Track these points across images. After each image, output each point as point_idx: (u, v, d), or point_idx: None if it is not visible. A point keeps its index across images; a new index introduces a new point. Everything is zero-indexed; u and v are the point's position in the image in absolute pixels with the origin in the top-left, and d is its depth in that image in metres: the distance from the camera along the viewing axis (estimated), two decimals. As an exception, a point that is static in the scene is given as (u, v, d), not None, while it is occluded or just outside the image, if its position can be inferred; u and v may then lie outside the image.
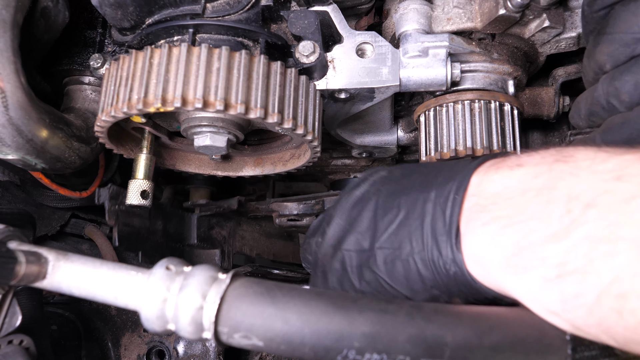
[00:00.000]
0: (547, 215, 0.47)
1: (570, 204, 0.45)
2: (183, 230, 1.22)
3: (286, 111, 0.82)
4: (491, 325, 0.47)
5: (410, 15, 0.95)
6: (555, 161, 0.50)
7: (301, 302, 0.46)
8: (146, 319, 0.50)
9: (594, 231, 0.43)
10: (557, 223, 0.45)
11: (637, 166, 0.44)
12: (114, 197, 1.01)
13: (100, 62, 0.94)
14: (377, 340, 0.44)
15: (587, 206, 0.44)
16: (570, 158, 0.49)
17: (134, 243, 1.05)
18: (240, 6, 0.87)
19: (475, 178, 0.56)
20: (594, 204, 0.44)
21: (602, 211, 0.43)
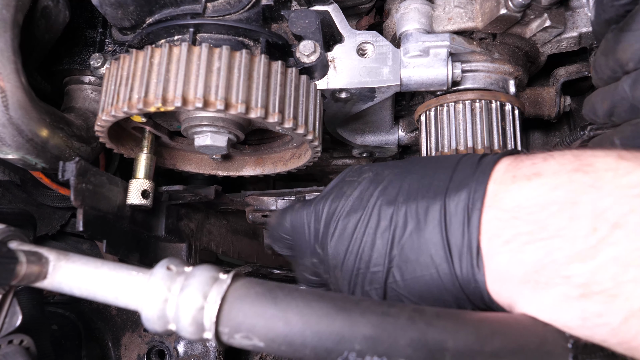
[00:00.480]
0: (572, 233, 0.46)
1: (596, 222, 0.45)
2: (151, 219, 1.10)
3: (287, 111, 0.81)
4: (493, 331, 0.47)
5: (411, 15, 0.95)
6: (575, 170, 0.49)
7: (303, 303, 0.46)
8: (147, 319, 0.50)
9: (623, 253, 0.43)
10: (583, 242, 0.45)
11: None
12: (81, 174, 0.84)
13: (101, 62, 0.94)
14: (378, 343, 0.44)
15: (614, 226, 0.44)
16: (590, 167, 0.49)
17: (99, 229, 0.91)
18: (241, 5, 0.87)
19: (492, 187, 0.55)
20: (621, 224, 0.44)
21: (630, 232, 0.43)
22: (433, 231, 0.57)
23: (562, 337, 0.48)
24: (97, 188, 0.89)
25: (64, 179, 0.83)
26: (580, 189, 0.48)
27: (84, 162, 0.85)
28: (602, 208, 0.45)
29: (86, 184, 0.86)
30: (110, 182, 0.94)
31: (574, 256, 0.46)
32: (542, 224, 0.49)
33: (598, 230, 0.45)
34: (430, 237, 0.57)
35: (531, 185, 0.51)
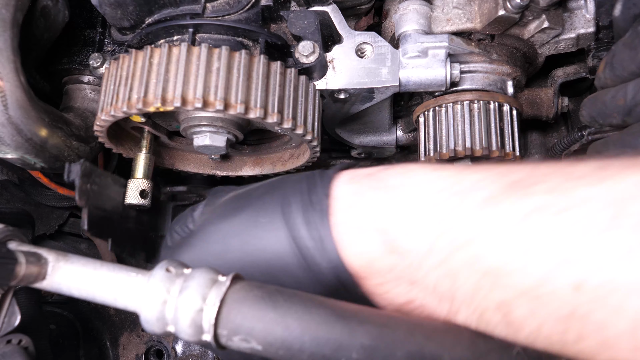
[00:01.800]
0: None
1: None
2: (157, 219, 1.11)
3: (286, 111, 0.82)
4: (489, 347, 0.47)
5: (410, 16, 0.95)
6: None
7: (302, 309, 0.46)
8: (146, 320, 0.50)
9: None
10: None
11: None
12: (86, 175, 0.85)
13: (100, 62, 0.94)
14: (376, 353, 0.44)
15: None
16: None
17: (104, 229, 0.92)
18: (240, 6, 0.87)
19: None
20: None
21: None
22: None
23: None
24: (102, 189, 0.90)
25: (70, 179, 0.83)
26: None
27: (88, 164, 0.86)
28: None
29: (91, 185, 0.87)
30: (116, 183, 0.94)
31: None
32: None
33: (443, 301, 0.51)
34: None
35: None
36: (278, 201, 0.60)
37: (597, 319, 0.39)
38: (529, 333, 0.44)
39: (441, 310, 0.51)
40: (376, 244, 0.53)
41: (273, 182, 0.65)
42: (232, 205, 0.65)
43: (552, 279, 0.41)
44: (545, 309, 0.42)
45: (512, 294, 0.44)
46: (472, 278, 0.46)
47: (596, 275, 0.39)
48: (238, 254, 0.60)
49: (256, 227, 0.59)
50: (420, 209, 0.51)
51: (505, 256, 0.44)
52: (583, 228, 0.40)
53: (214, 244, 0.62)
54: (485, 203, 0.46)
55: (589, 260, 0.39)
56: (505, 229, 0.44)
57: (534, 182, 0.45)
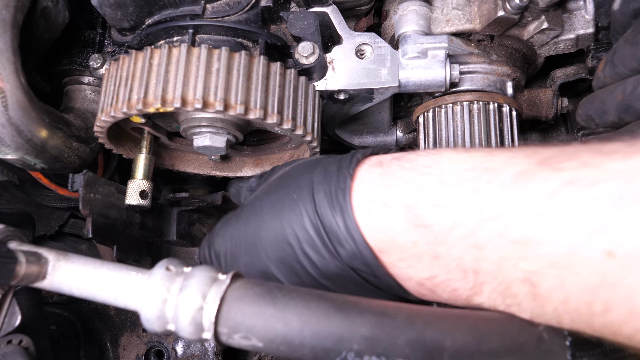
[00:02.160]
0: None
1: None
2: (162, 225, 1.13)
3: (285, 112, 0.82)
4: (490, 330, 0.47)
5: (410, 17, 0.96)
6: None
7: (301, 304, 0.46)
8: (146, 319, 0.50)
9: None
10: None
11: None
12: (89, 185, 0.90)
13: (100, 62, 0.95)
14: (376, 343, 0.45)
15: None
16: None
17: (108, 236, 0.96)
18: (240, 7, 0.87)
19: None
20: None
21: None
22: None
23: (560, 335, 0.48)
24: (106, 197, 0.94)
25: (73, 189, 0.88)
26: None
27: (91, 174, 0.91)
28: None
29: (94, 194, 0.91)
30: (119, 192, 0.98)
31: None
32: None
33: (468, 275, 0.52)
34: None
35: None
36: (309, 180, 0.64)
37: (626, 286, 0.40)
38: (556, 307, 0.45)
39: (465, 284, 0.52)
40: (400, 219, 0.55)
41: (309, 162, 0.71)
42: (273, 184, 0.72)
43: (585, 247, 0.42)
44: (574, 278, 0.43)
45: (542, 265, 0.45)
46: (500, 250, 0.47)
47: (628, 242, 0.40)
48: (273, 225, 0.65)
49: (289, 202, 0.64)
50: (448, 183, 0.53)
51: (536, 227, 0.45)
52: (614, 198, 0.41)
53: (254, 216, 0.69)
54: (518, 178, 0.48)
55: (621, 227, 0.40)
56: (537, 201, 0.45)
57: (565, 159, 0.46)
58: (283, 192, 0.67)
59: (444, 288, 0.55)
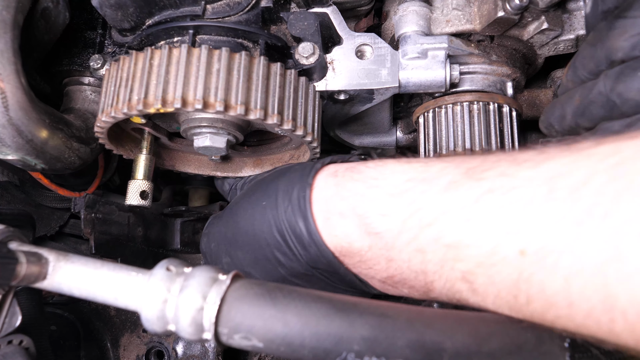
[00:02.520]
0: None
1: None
2: (166, 236, 1.19)
3: (286, 112, 0.82)
4: (490, 332, 0.47)
5: (410, 17, 0.96)
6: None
7: (302, 304, 0.46)
8: (146, 319, 0.50)
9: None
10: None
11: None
12: (90, 206, 0.98)
13: (100, 63, 0.95)
14: (377, 344, 0.45)
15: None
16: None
17: (112, 250, 1.03)
18: (240, 7, 0.87)
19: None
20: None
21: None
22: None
23: (559, 336, 0.48)
24: (107, 215, 1.02)
25: (75, 211, 0.99)
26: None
27: (91, 196, 1.00)
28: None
29: (95, 214, 0.99)
30: (120, 209, 1.05)
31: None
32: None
33: (419, 276, 0.58)
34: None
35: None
36: (275, 187, 0.70)
37: (538, 280, 0.45)
38: (493, 300, 0.50)
39: (419, 283, 0.58)
40: (354, 227, 0.61)
41: (279, 170, 0.77)
42: (249, 189, 0.80)
43: (502, 247, 0.47)
44: (499, 275, 0.48)
45: (472, 264, 0.50)
46: (439, 252, 0.53)
47: (536, 241, 0.45)
48: (246, 228, 0.72)
49: (259, 208, 0.70)
50: (392, 194, 0.59)
51: (463, 231, 0.50)
52: (525, 203, 0.46)
53: (231, 219, 0.76)
54: (447, 187, 0.54)
55: (530, 229, 0.45)
56: (463, 208, 0.51)
57: (486, 169, 0.52)
58: (254, 198, 0.73)
59: (403, 285, 0.62)
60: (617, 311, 0.40)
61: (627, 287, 0.39)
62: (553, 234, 0.43)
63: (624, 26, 0.64)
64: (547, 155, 0.48)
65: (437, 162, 0.59)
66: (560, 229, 0.43)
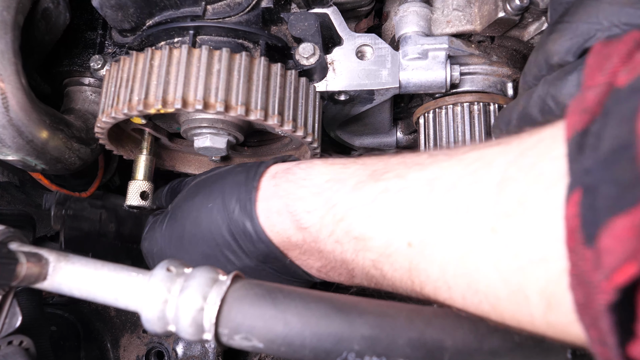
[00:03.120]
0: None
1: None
2: (139, 232, 1.19)
3: (286, 113, 0.82)
4: (491, 329, 0.47)
5: (410, 18, 0.96)
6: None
7: (302, 305, 0.46)
8: (147, 320, 0.50)
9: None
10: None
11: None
12: (60, 203, 0.99)
13: (101, 64, 0.95)
14: (377, 343, 0.45)
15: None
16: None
17: (81, 245, 1.06)
18: (241, 8, 0.87)
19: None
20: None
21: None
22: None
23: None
24: (78, 212, 1.03)
25: (46, 208, 0.98)
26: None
27: (62, 194, 1.00)
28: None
29: (66, 210, 1.00)
30: (92, 206, 1.07)
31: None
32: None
33: (343, 264, 0.64)
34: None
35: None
36: (220, 190, 0.73)
37: (423, 268, 0.50)
38: (399, 285, 0.56)
39: (344, 271, 0.65)
40: (289, 223, 0.66)
41: (221, 173, 0.79)
42: (190, 191, 0.80)
43: (394, 240, 0.53)
44: (397, 264, 0.54)
45: (377, 254, 0.56)
46: (351, 243, 0.59)
47: (418, 234, 0.51)
48: (193, 231, 0.74)
49: (205, 210, 0.73)
50: (315, 193, 0.65)
51: (366, 226, 0.57)
52: (410, 201, 0.52)
53: (175, 222, 0.78)
54: (355, 187, 0.60)
55: (413, 223, 0.51)
56: (364, 205, 0.58)
57: (387, 170, 0.58)
58: (198, 200, 0.76)
59: (334, 273, 0.68)
60: (481, 294, 0.45)
61: (483, 273, 0.44)
62: (430, 228, 0.49)
63: (561, 30, 0.65)
64: (434, 160, 0.54)
65: (353, 163, 0.65)
66: (434, 224, 0.49)
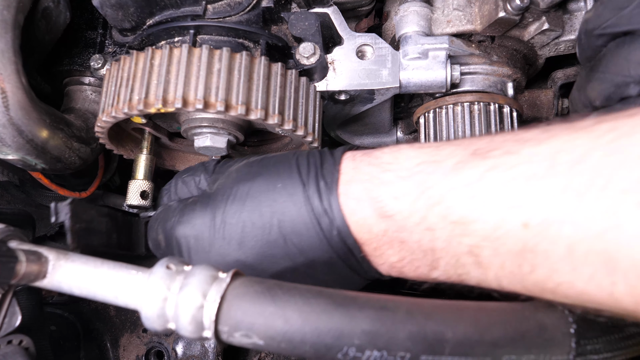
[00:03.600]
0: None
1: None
2: (132, 240, 1.03)
3: (287, 112, 0.82)
4: (492, 320, 0.47)
5: (410, 18, 0.96)
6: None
7: (302, 301, 0.46)
8: (147, 318, 0.50)
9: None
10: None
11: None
12: (75, 215, 0.79)
13: (101, 63, 0.95)
14: (377, 337, 0.45)
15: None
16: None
17: None
18: (241, 8, 0.87)
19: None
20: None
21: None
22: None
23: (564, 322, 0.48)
24: (89, 224, 0.85)
25: (58, 221, 0.78)
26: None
27: (77, 201, 0.82)
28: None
29: (80, 224, 0.82)
30: (99, 214, 0.90)
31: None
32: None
33: (427, 254, 0.60)
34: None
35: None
36: (294, 170, 0.67)
37: (542, 249, 0.47)
38: (496, 272, 0.53)
39: (425, 262, 0.60)
40: (370, 212, 0.61)
41: (286, 154, 0.72)
42: (247, 170, 0.72)
43: (506, 221, 0.49)
44: (503, 247, 0.50)
45: (478, 239, 0.52)
46: (446, 230, 0.55)
47: (538, 214, 0.47)
48: (250, 216, 0.66)
49: (273, 192, 0.66)
50: (403, 177, 0.60)
51: (469, 208, 0.53)
52: (527, 178, 0.49)
53: (225, 205, 0.69)
54: (454, 167, 0.56)
55: (532, 202, 0.48)
56: (467, 185, 0.53)
57: (492, 148, 0.54)
58: (261, 181, 0.68)
59: (410, 268, 0.63)
60: (619, 274, 0.42)
61: (627, 251, 0.42)
62: (555, 206, 0.46)
63: (599, 80, 0.76)
64: (550, 134, 0.50)
65: (448, 145, 0.60)
66: (561, 201, 0.46)
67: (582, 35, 0.80)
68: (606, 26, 0.73)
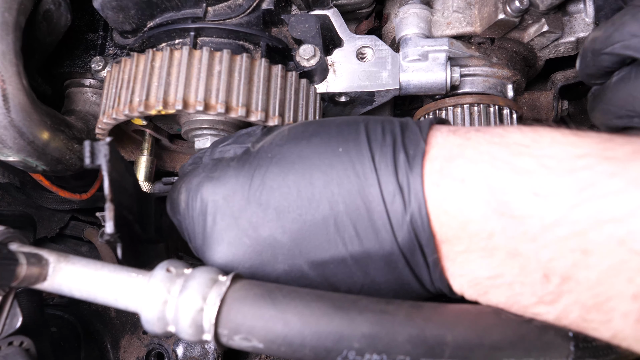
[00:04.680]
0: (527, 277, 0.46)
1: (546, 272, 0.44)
2: (142, 217, 0.81)
3: (287, 114, 0.82)
4: (491, 324, 0.47)
5: (410, 20, 0.96)
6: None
7: (301, 304, 0.46)
8: (146, 320, 0.50)
9: (582, 298, 0.43)
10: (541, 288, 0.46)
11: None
12: (112, 160, 0.59)
13: (102, 65, 0.95)
14: (377, 340, 0.45)
15: (564, 280, 0.43)
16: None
17: (122, 231, 0.60)
18: (242, 10, 0.88)
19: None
20: (570, 276, 0.43)
21: (580, 283, 0.42)
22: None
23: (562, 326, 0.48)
24: (121, 177, 0.67)
25: (95, 163, 0.58)
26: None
27: (114, 142, 0.62)
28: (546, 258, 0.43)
29: (115, 173, 0.62)
30: (128, 171, 0.72)
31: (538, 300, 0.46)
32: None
33: (551, 281, 0.44)
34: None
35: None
36: (361, 135, 0.52)
37: None
38: None
39: (537, 290, 0.45)
40: (479, 202, 0.45)
41: (354, 117, 0.58)
42: (303, 129, 0.57)
43: None
44: None
45: None
46: (614, 259, 0.39)
47: None
48: (303, 181, 0.52)
49: (331, 156, 0.52)
50: (553, 169, 0.43)
51: None
52: None
53: (267, 167, 0.55)
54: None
55: None
56: None
57: None
58: (318, 142, 0.54)
59: (503, 291, 0.47)
60: None
61: None
62: None
63: (600, 111, 0.79)
64: None
65: (625, 139, 0.43)
66: None
67: (589, 53, 0.78)
68: (614, 48, 0.72)
